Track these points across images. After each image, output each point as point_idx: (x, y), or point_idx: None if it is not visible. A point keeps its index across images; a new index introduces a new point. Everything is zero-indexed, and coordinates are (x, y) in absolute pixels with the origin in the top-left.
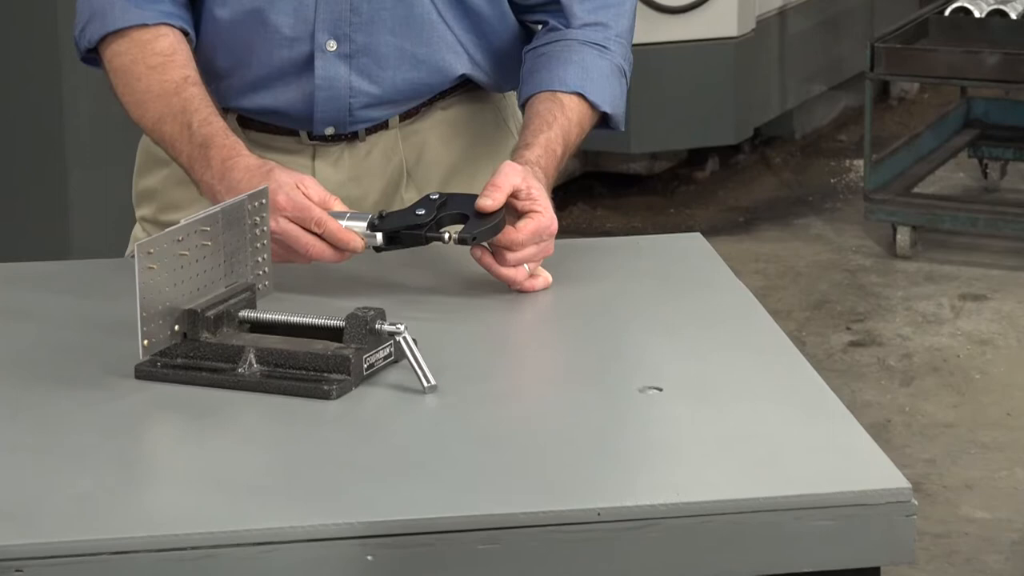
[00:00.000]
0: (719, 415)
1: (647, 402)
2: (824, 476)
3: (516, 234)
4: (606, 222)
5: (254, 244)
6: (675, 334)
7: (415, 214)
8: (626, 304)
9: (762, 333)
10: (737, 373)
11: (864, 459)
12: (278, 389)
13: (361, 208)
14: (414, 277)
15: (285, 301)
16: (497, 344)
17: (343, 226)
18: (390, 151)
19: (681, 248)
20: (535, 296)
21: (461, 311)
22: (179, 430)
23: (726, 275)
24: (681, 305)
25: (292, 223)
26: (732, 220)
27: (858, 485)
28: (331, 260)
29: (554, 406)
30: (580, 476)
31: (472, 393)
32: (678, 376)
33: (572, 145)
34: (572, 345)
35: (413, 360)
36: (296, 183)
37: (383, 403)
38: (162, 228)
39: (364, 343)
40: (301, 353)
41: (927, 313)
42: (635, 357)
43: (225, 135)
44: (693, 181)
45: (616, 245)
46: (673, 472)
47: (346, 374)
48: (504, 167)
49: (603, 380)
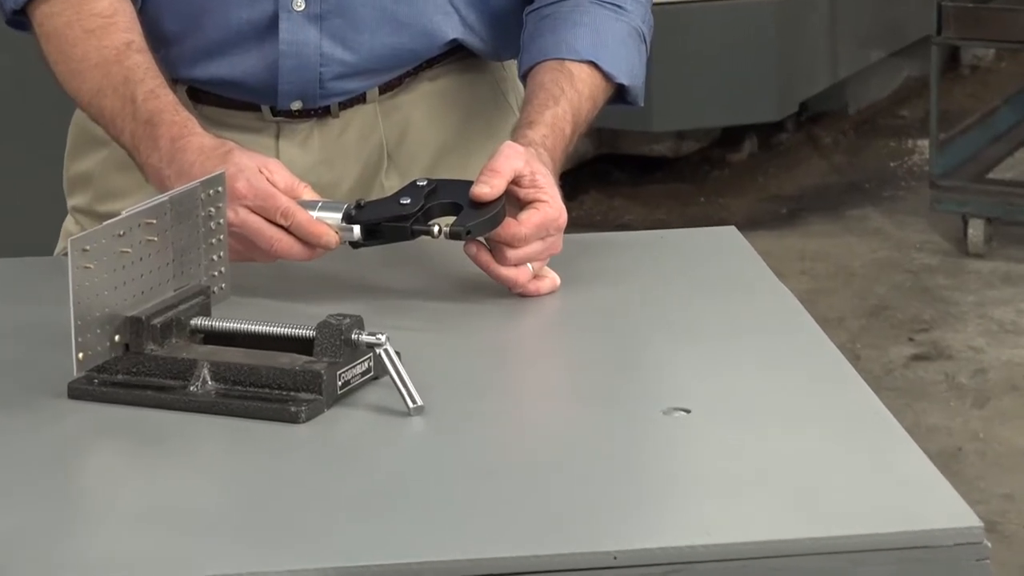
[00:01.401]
0: (757, 441)
1: (672, 426)
2: (881, 514)
3: (518, 227)
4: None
5: (209, 239)
6: (705, 346)
7: (398, 203)
8: (647, 310)
9: (808, 345)
10: (778, 392)
11: (929, 494)
12: (237, 411)
13: (335, 196)
14: (397, 278)
15: (245, 307)
16: (495, 357)
17: (314, 217)
18: (368, 129)
19: (713, 244)
20: (540, 301)
21: (453, 319)
22: (120, 459)
23: (766, 276)
24: (712, 312)
25: (254, 214)
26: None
27: (921, 524)
28: (300, 258)
29: (562, 431)
30: (592, 513)
31: (466, 415)
32: (709, 396)
33: (583, 123)
34: (584, 359)
35: (396, 376)
36: (259, 167)
37: (361, 427)
38: (99, 221)
39: (338, 356)
40: (264, 368)
41: (1004, 321)
42: (658, 373)
43: (175, 110)
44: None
45: (636, 241)
46: (703, 508)
47: (317, 393)
48: (503, 149)
49: (620, 400)
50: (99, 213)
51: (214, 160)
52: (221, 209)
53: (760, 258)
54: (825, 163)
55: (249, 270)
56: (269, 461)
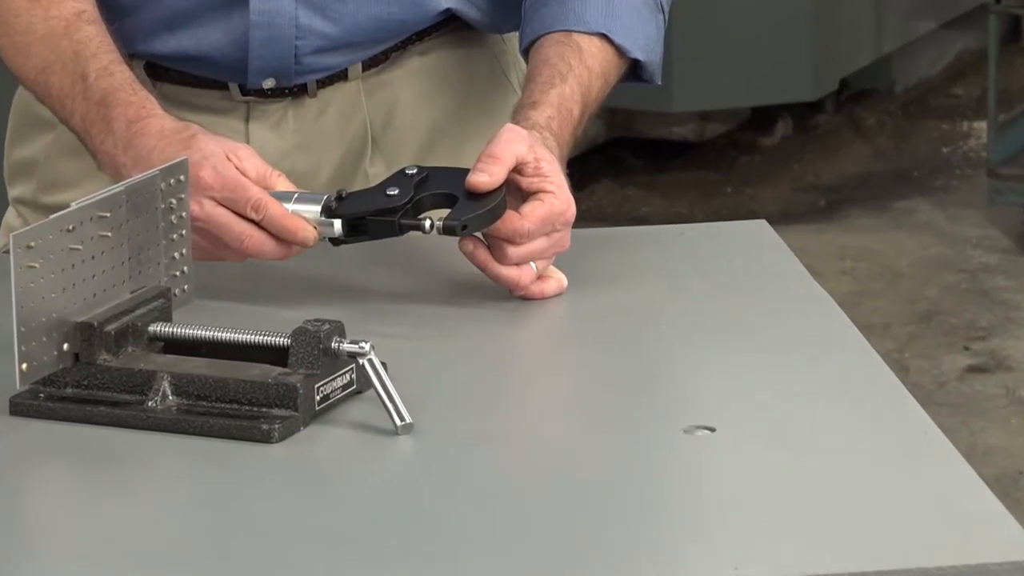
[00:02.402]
0: (790, 465)
1: (695, 446)
2: (932, 547)
3: (520, 221)
4: (640, 205)
5: (170, 235)
6: (732, 357)
7: (385, 195)
8: (666, 316)
9: (849, 355)
10: (814, 410)
11: (986, 524)
12: (201, 429)
13: (312, 186)
14: (384, 279)
15: (211, 311)
16: (494, 369)
17: (289, 211)
18: (350, 110)
19: (741, 240)
20: (545, 305)
21: (447, 325)
22: (67, 485)
23: (801, 277)
24: (740, 318)
25: (221, 206)
26: (810, 203)
27: (977, 557)
28: (273, 256)
29: (570, 453)
30: (604, 545)
31: (461, 435)
32: (735, 413)
33: (594, 103)
34: (594, 371)
35: (382, 391)
36: (226, 153)
37: (342, 448)
38: (45, 214)
39: (316, 368)
40: (232, 381)
41: None
42: (678, 387)
43: (132, 89)
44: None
45: (653, 236)
46: (730, 540)
47: (292, 409)
48: (504, 133)
49: (635, 417)
50: (45, 205)
51: (176, 145)
52: (184, 201)
53: (794, 256)
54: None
55: (215, 270)
56: (238, 487)
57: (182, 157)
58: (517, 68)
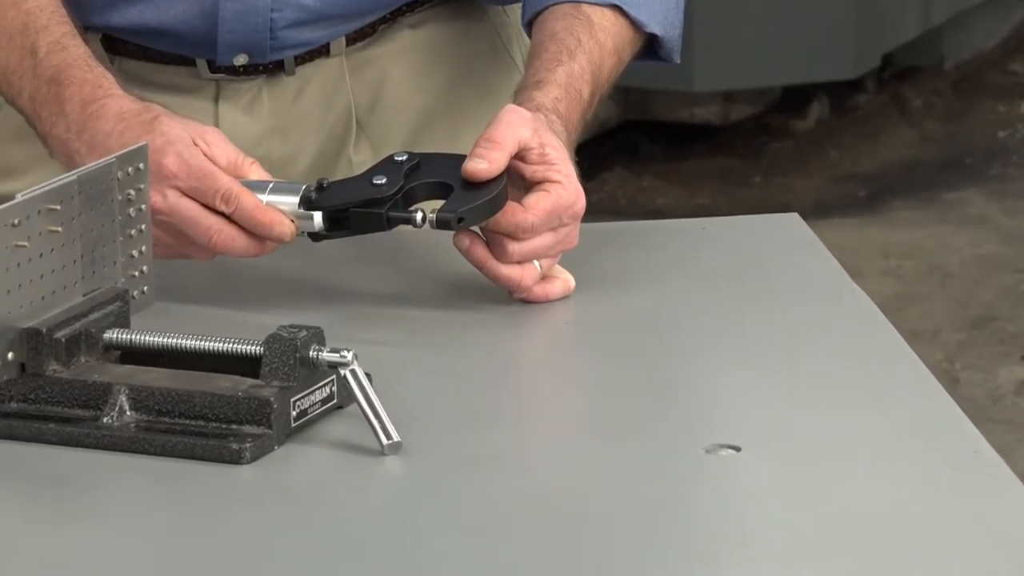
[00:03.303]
0: (824, 488)
1: (717, 467)
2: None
3: (523, 214)
4: (657, 196)
5: (128, 231)
6: (759, 367)
7: (371, 184)
8: (686, 321)
9: (892, 365)
10: (853, 427)
11: None
12: (163, 449)
13: (290, 175)
14: (369, 279)
15: (174, 316)
16: (493, 381)
17: (263, 202)
18: (332, 90)
19: (770, 236)
20: (550, 308)
21: (439, 331)
22: (13, 510)
23: (839, 278)
24: (769, 323)
25: (186, 198)
26: (849, 194)
27: None
28: (245, 253)
29: (577, 475)
30: None
31: (455, 455)
32: (763, 430)
33: (606, 82)
34: (605, 382)
35: (366, 405)
36: (193, 138)
37: (321, 470)
38: None
39: (292, 379)
40: (197, 395)
41: None
42: (699, 401)
43: (87, 66)
44: (790, 135)
45: (672, 232)
46: (759, 572)
47: (265, 426)
48: (505, 115)
49: (651, 435)
50: None
51: (136, 128)
52: (144, 191)
53: (831, 254)
54: (915, 132)
55: (179, 269)
56: (204, 513)
57: (143, 142)
58: (520, 43)
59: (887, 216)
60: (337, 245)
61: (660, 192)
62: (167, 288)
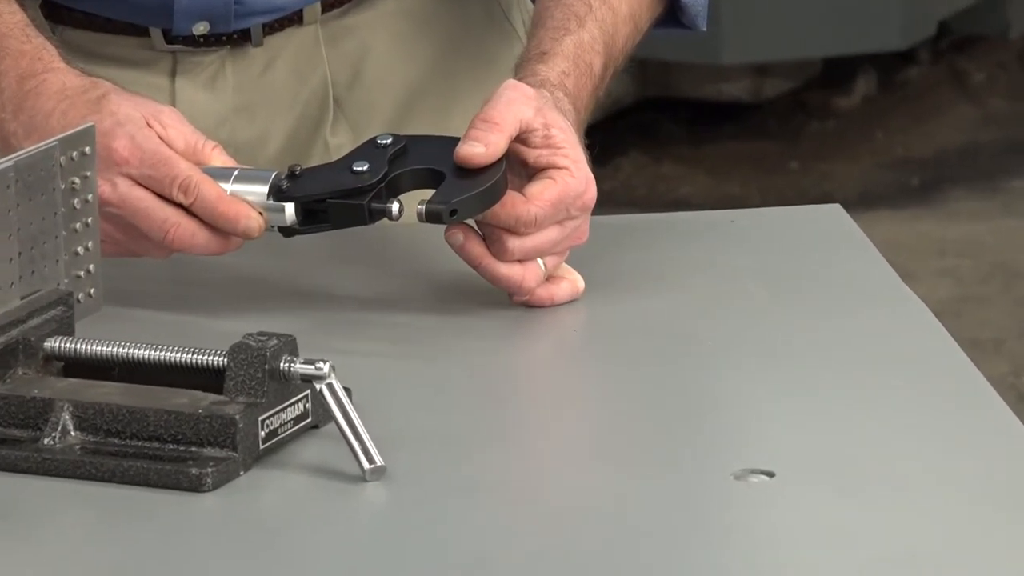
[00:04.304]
0: (870, 519)
1: (748, 495)
2: None
3: (525, 206)
4: (680, 184)
5: (71, 224)
6: (795, 381)
7: (351, 172)
8: (712, 328)
9: (948, 378)
10: (902, 450)
11: None
12: (113, 475)
13: (258, 161)
14: (348, 280)
15: (125, 322)
16: (491, 397)
17: (227, 192)
18: (306, 64)
19: (809, 230)
20: (556, 314)
21: (429, 340)
22: None
23: (887, 278)
24: (807, 331)
25: (139, 187)
26: (899, 182)
27: None
28: (206, 251)
29: (588, 505)
30: None
31: (447, 482)
32: (800, 452)
33: (620, 54)
34: (619, 399)
35: (345, 425)
36: (146, 118)
37: (293, 498)
38: None
39: (261, 395)
40: (152, 412)
41: None
42: (728, 420)
43: (24, 36)
44: (832, 114)
45: (696, 225)
46: None
47: (229, 448)
48: (504, 92)
49: (672, 458)
50: None
51: (81, 107)
52: (90, 180)
53: (878, 251)
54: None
55: (131, 269)
56: (159, 548)
57: (89, 123)
58: (521, 9)
59: (943, 208)
60: (312, 241)
61: (683, 180)
62: (117, 290)
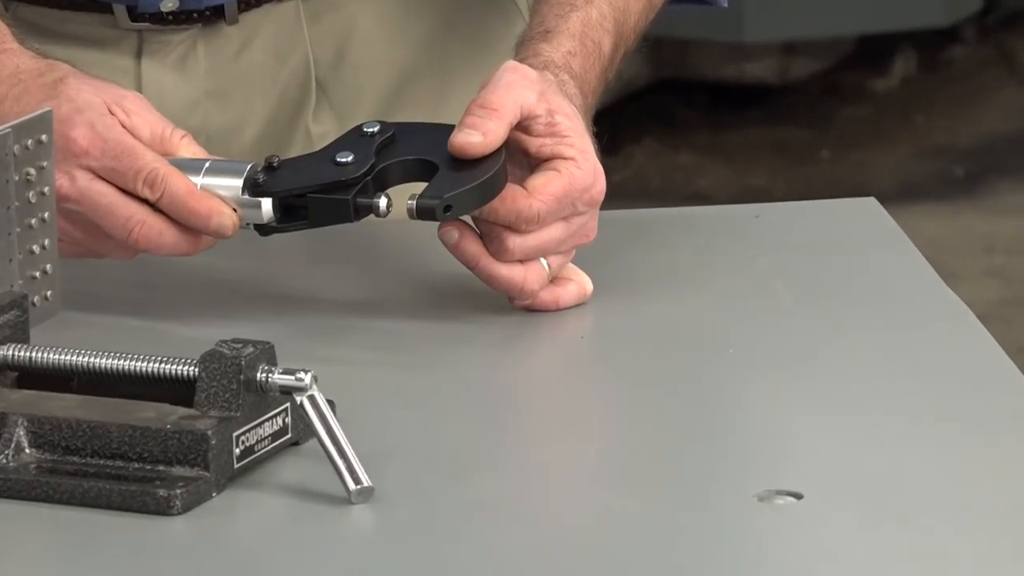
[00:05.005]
0: (906, 546)
1: (773, 518)
2: None
3: (527, 201)
4: (697, 175)
5: (27, 220)
6: (826, 393)
7: (334, 163)
8: (734, 335)
9: (995, 391)
10: (942, 467)
11: None
12: (72, 496)
13: (232, 152)
14: (332, 283)
15: (86, 328)
16: (489, 411)
17: (197, 186)
18: (286, 43)
19: (841, 226)
20: (561, 320)
21: (421, 348)
22: None
23: (927, 279)
24: (838, 337)
25: (100, 180)
26: (942, 172)
27: None
28: (174, 251)
29: (597, 528)
30: None
31: (439, 504)
32: (830, 472)
33: (632, 32)
34: (630, 414)
35: (329, 441)
36: (109, 104)
37: (271, 522)
38: None
39: (235, 409)
40: (115, 428)
41: None
42: (750, 437)
43: None
44: (866, 98)
45: (716, 221)
46: None
47: (201, 467)
48: (504, 74)
49: (691, 480)
50: None
51: (37, 92)
52: (47, 171)
53: (917, 250)
54: None
55: (92, 270)
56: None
57: (45, 109)
58: None
59: (990, 201)
60: (291, 240)
61: (701, 170)
62: (76, 293)
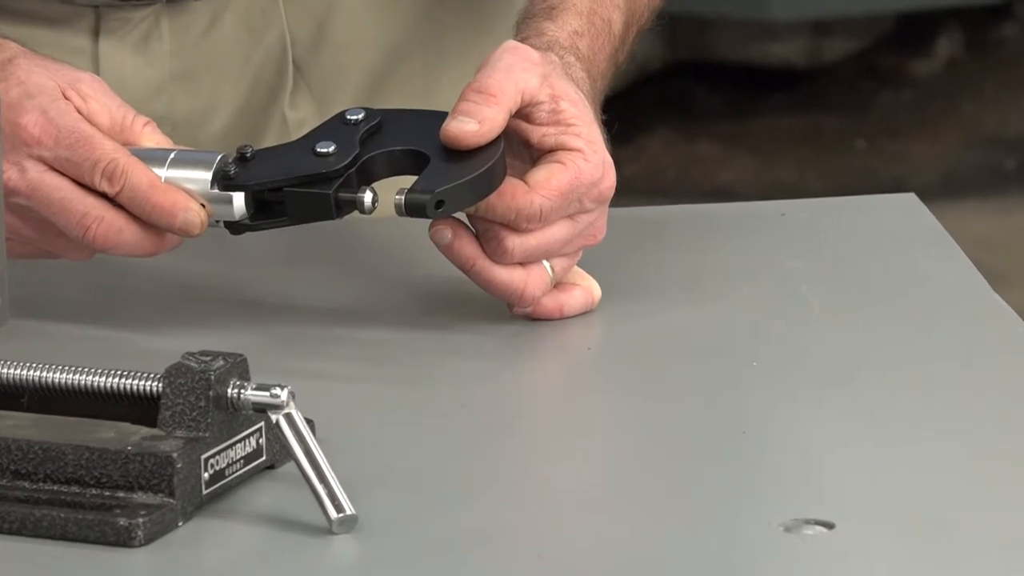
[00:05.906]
0: None
1: (801, 550)
2: None
3: (528, 196)
4: (719, 168)
5: None
6: (860, 411)
7: (314, 154)
8: (757, 346)
9: None
10: (986, 493)
11: None
12: (23, 526)
13: (200, 141)
14: (311, 288)
15: (39, 338)
16: (484, 431)
17: (162, 179)
18: (259, 20)
19: (878, 224)
20: (566, 329)
21: (409, 361)
22: None
23: (972, 282)
24: (873, 347)
25: (54, 172)
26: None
27: None
28: (136, 251)
29: (603, 562)
30: None
31: (428, 534)
32: (864, 499)
33: (646, 10)
34: (642, 433)
35: (307, 464)
36: (63, 88)
37: (243, 554)
38: None
39: (203, 428)
40: (71, 450)
41: None
42: (776, 460)
43: None
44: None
45: (740, 218)
46: None
47: (165, 494)
48: (502, 56)
49: (710, 507)
50: None
51: None
52: None
53: (962, 251)
54: None
55: (44, 273)
56: None
57: None
58: None
59: None
60: (266, 239)
61: (723, 162)
62: (28, 299)
